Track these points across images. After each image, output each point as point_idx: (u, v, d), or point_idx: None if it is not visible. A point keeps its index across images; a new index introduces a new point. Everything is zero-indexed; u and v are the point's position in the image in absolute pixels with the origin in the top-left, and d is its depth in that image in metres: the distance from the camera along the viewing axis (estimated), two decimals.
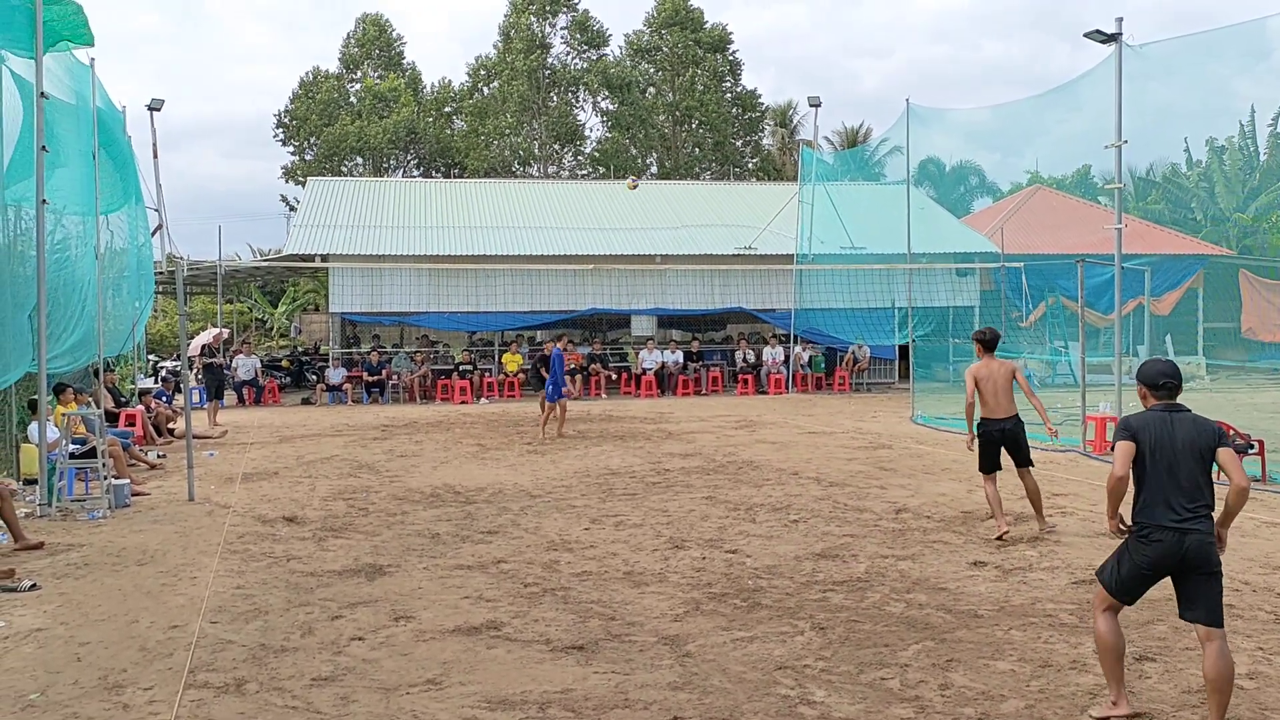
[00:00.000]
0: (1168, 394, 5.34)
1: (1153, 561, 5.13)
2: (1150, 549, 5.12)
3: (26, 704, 5.65)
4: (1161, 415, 5.26)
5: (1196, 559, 5.05)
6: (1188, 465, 5.11)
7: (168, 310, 43.30)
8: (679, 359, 28.49)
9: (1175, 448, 5.14)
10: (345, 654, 6.42)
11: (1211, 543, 5.09)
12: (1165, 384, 5.33)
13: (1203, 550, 5.05)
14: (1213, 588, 5.08)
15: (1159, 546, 5.09)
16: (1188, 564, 5.06)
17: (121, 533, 10.27)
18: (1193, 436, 5.16)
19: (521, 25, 54.53)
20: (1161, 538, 5.08)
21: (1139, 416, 5.32)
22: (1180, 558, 5.06)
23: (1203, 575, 5.07)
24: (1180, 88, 19.05)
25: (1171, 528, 5.06)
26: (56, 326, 12.96)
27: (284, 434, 19.15)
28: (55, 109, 12.57)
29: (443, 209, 31.96)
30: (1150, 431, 5.20)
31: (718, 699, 5.61)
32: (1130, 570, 5.23)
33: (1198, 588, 5.08)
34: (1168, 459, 5.13)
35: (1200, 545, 5.04)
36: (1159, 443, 5.16)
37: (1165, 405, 5.31)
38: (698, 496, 11.93)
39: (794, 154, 51.55)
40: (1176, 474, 5.11)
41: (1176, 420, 5.23)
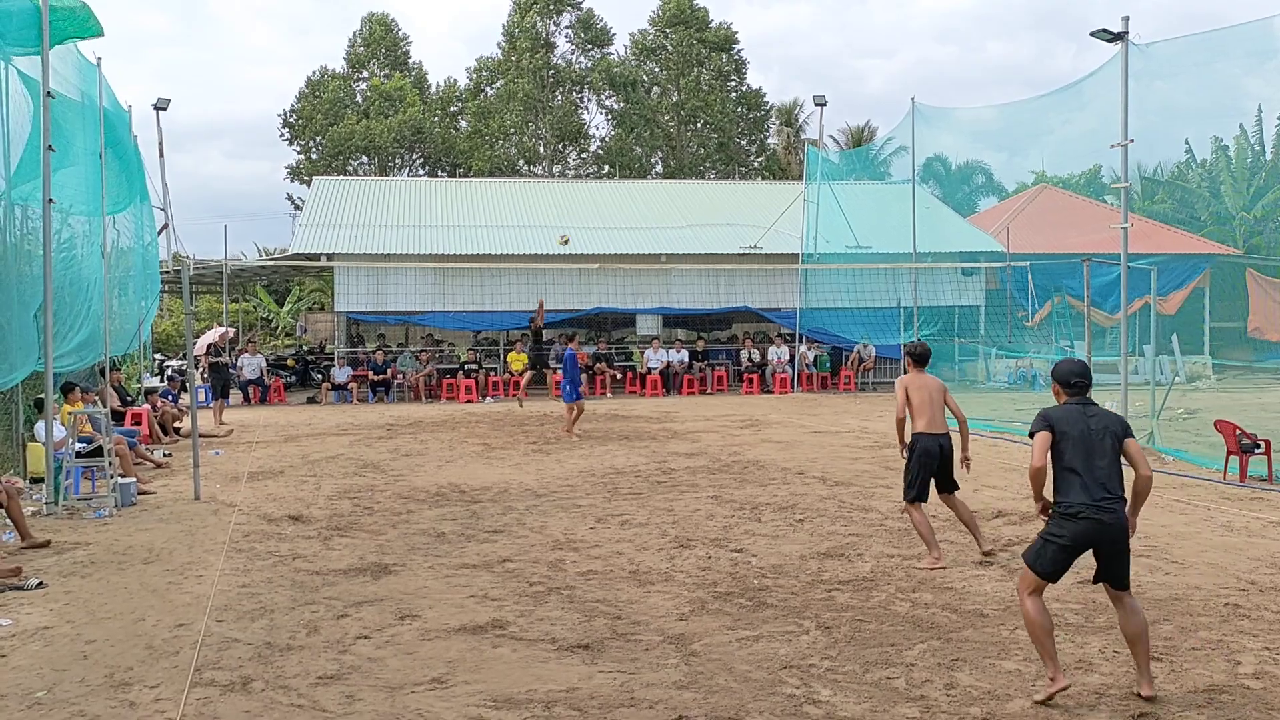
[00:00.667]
0: (1078, 391, 5.82)
1: (1073, 538, 5.53)
2: (1072, 527, 5.51)
3: (33, 701, 5.66)
4: (1075, 408, 5.73)
5: (1112, 538, 5.52)
6: (1101, 452, 5.57)
7: (174, 309, 43.36)
8: (684, 358, 28.49)
9: (1090, 436, 5.59)
10: (351, 653, 6.43)
11: (1124, 524, 5.56)
12: (1076, 382, 5.83)
13: (1117, 530, 5.52)
14: (1125, 559, 5.60)
15: (1080, 525, 5.50)
16: (1105, 542, 5.53)
17: (127, 531, 10.29)
18: (1104, 426, 5.63)
19: (526, 24, 54.55)
20: (1083, 518, 5.49)
21: (1055, 409, 5.78)
22: (1098, 536, 5.51)
23: (1117, 551, 5.56)
24: (1187, 87, 19.00)
25: (1091, 507, 5.48)
26: (63, 325, 12.97)
27: (289, 433, 19.17)
28: (62, 108, 12.59)
29: (448, 208, 31.98)
30: (1066, 422, 5.65)
31: (723, 698, 5.61)
32: (1055, 549, 5.57)
33: (1112, 561, 5.58)
34: (1084, 446, 5.58)
35: (1115, 526, 5.51)
36: (1075, 432, 5.61)
37: (1078, 400, 5.79)
38: (703, 496, 11.92)
39: (799, 153, 51.53)
40: (1092, 460, 5.55)
41: (1089, 412, 5.70)
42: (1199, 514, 10.58)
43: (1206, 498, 11.50)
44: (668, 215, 32.26)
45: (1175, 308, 29.40)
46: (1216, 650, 6.27)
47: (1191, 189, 40.03)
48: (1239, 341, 30.64)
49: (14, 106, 11.27)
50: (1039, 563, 5.63)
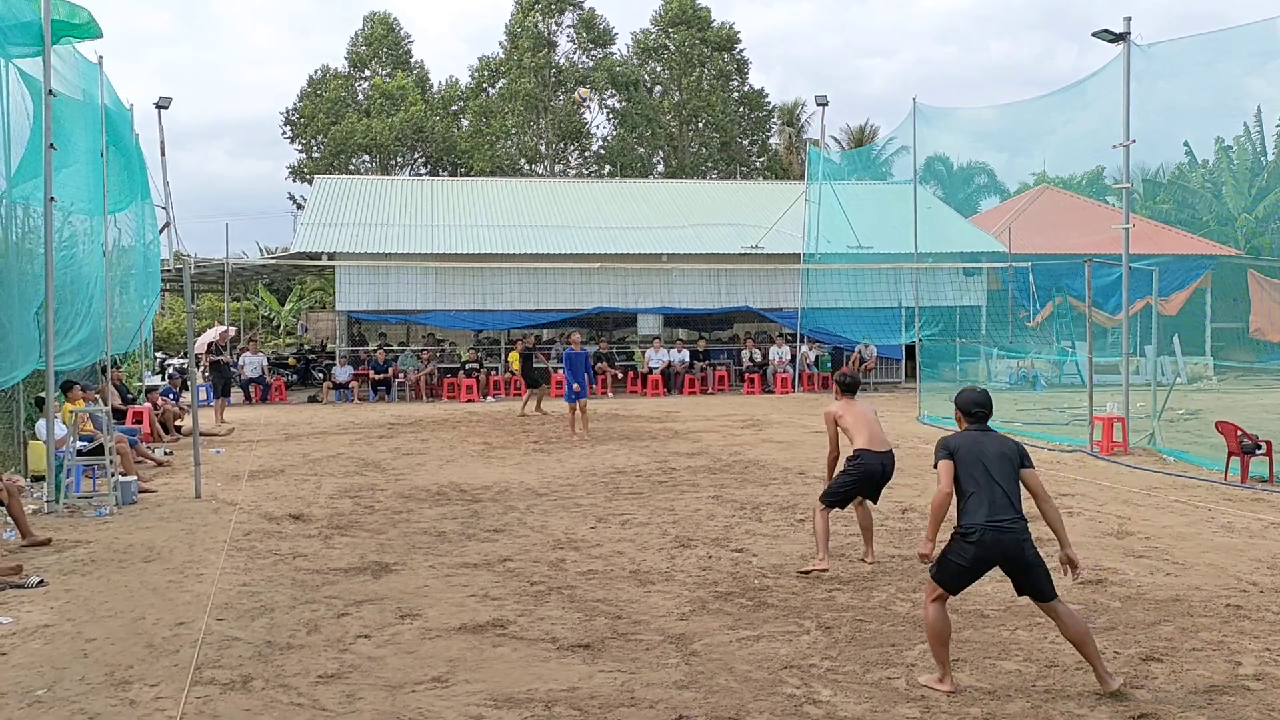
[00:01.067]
0: (978, 420, 6.02)
1: (974, 559, 5.62)
2: (972, 549, 5.61)
3: (34, 700, 5.66)
4: (975, 434, 5.93)
5: (1013, 554, 5.60)
6: (999, 475, 5.70)
7: (175, 308, 43.37)
8: (685, 358, 28.48)
9: (987, 460, 5.75)
10: (351, 651, 6.43)
11: (1025, 539, 5.61)
12: (976, 412, 6.04)
13: (1017, 546, 5.59)
14: (1037, 572, 5.64)
15: (979, 547, 5.58)
16: (1007, 559, 5.62)
17: (128, 530, 10.29)
18: (1000, 450, 5.81)
19: (528, 24, 54.55)
20: (981, 538, 5.58)
21: (954, 437, 5.95)
22: (999, 555, 5.61)
23: (1024, 566, 5.62)
24: (1189, 88, 19.01)
25: (990, 527, 5.57)
26: (64, 324, 12.97)
27: (290, 432, 19.18)
28: (63, 107, 12.59)
29: (449, 207, 31.97)
30: (966, 448, 5.83)
31: (723, 698, 5.61)
32: (954, 567, 5.69)
33: (1026, 576, 5.65)
34: (983, 470, 5.72)
35: (1015, 542, 5.59)
36: (974, 456, 5.78)
37: (977, 428, 5.99)
38: (704, 495, 11.92)
39: (801, 153, 51.52)
40: (991, 481, 5.68)
41: (987, 438, 5.89)
42: (1200, 515, 10.58)
43: (1207, 499, 11.50)
44: (669, 215, 32.24)
45: (1177, 308, 29.38)
46: (1217, 651, 6.27)
47: (1194, 189, 40.02)
48: (1240, 342, 30.62)
49: (15, 105, 11.27)
50: (941, 576, 5.75)
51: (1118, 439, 15.14)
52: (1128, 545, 9.15)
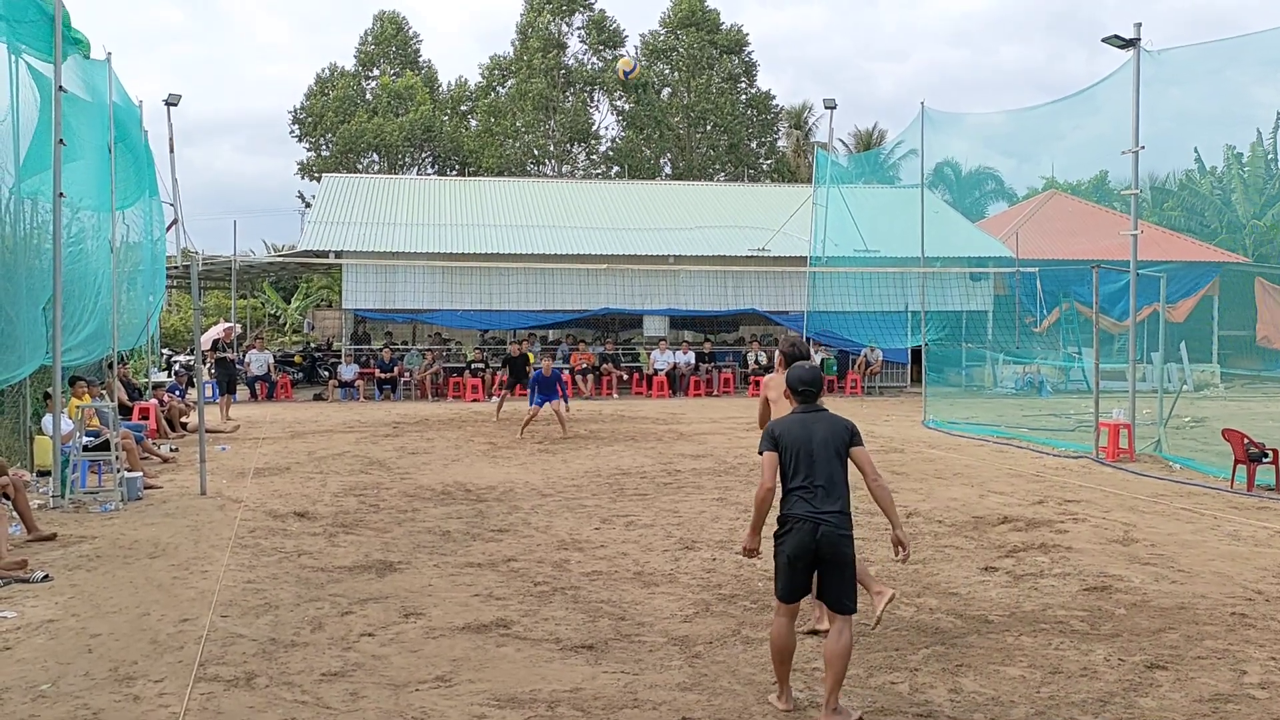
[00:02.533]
0: (806, 399, 5.69)
1: (793, 551, 5.39)
2: (789, 540, 5.40)
3: (38, 694, 5.67)
4: (801, 418, 5.61)
5: (828, 549, 5.34)
6: (823, 461, 5.43)
7: (182, 304, 43.43)
8: (691, 360, 28.48)
9: (812, 446, 5.46)
10: (355, 650, 6.43)
11: (844, 536, 5.37)
12: (804, 390, 5.71)
13: (833, 541, 5.33)
14: (845, 577, 5.41)
15: (796, 537, 5.36)
16: (821, 554, 5.35)
17: (133, 525, 10.31)
18: (827, 435, 5.50)
19: (538, 24, 54.60)
20: (799, 529, 5.35)
21: (780, 422, 5.65)
22: (814, 548, 5.34)
23: (835, 566, 5.37)
24: (1199, 94, 18.96)
25: (807, 519, 5.34)
26: (71, 319, 13.00)
27: (296, 429, 19.20)
28: (72, 103, 12.62)
29: (457, 207, 32.01)
30: (791, 434, 5.53)
31: (727, 700, 5.60)
32: (784, 566, 5.46)
33: (831, 577, 5.40)
34: (806, 457, 5.45)
35: (831, 536, 5.33)
36: (798, 442, 5.48)
37: (805, 408, 5.67)
38: (709, 498, 11.92)
39: (809, 156, 51.48)
40: (813, 470, 5.42)
41: (814, 420, 5.58)
42: (1206, 522, 10.55)
43: (1214, 506, 11.47)
44: (676, 217, 32.26)
45: (1184, 315, 29.32)
46: (1222, 659, 6.25)
47: (1203, 196, 39.95)
48: (1248, 350, 30.56)
49: (24, 101, 11.30)
50: (776, 584, 5.57)
51: (1124, 446, 15.11)
52: (1133, 552, 9.12)
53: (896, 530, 5.62)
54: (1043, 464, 14.84)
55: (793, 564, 5.41)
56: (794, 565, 5.41)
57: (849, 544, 5.39)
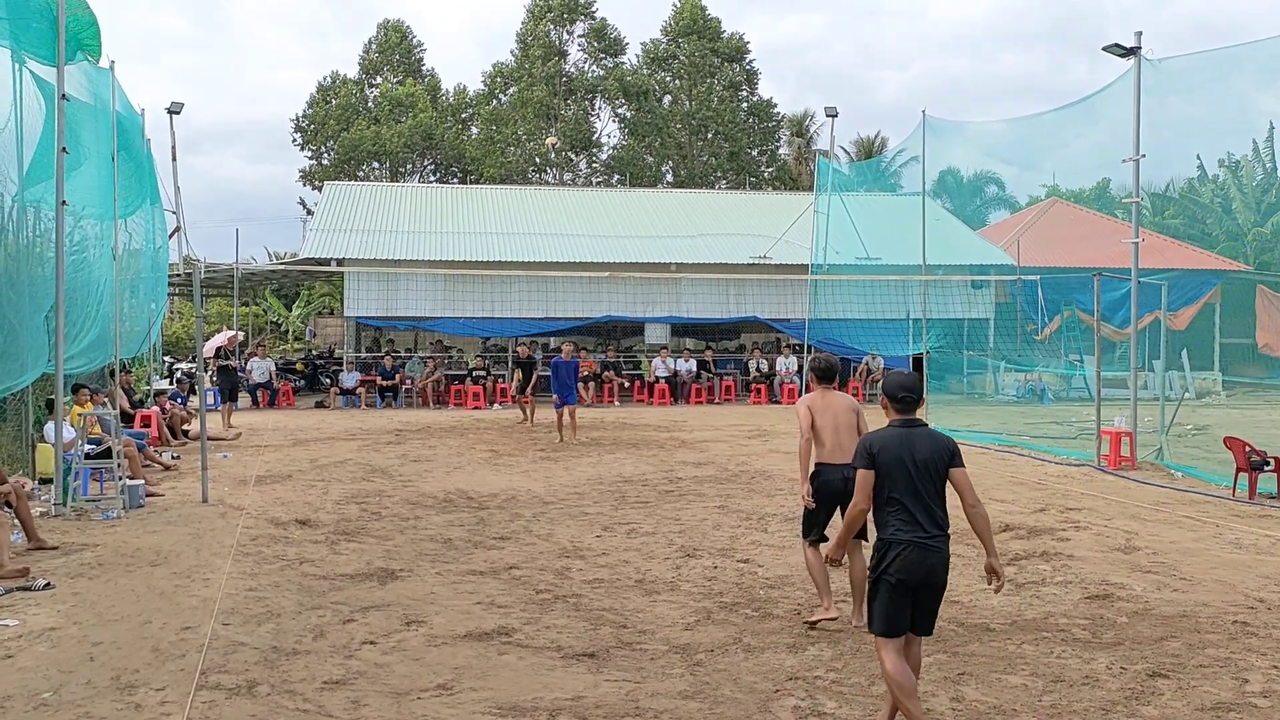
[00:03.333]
0: (905, 407, 5.40)
1: (901, 578, 5.10)
2: (895, 566, 5.11)
3: (40, 703, 5.67)
4: (899, 432, 5.31)
5: (937, 576, 5.14)
6: (925, 482, 5.17)
7: (184, 312, 43.49)
8: (692, 367, 28.48)
9: (914, 465, 5.17)
10: (357, 658, 6.43)
11: (948, 560, 5.19)
12: (903, 397, 5.42)
13: (941, 568, 5.15)
14: (939, 602, 5.26)
15: (903, 563, 5.09)
16: (929, 580, 5.13)
17: (135, 533, 10.31)
18: (929, 454, 5.21)
19: (539, 32, 54.70)
20: (907, 555, 5.08)
21: (877, 436, 5.35)
22: (924, 574, 5.10)
23: (935, 591, 5.18)
24: (1200, 103, 18.97)
25: (914, 544, 5.09)
26: (73, 327, 13.03)
27: (298, 437, 19.20)
28: (75, 111, 12.65)
29: (458, 214, 32.04)
30: (890, 452, 5.22)
31: (729, 709, 5.60)
32: (888, 598, 5.14)
33: (929, 603, 5.19)
34: (906, 476, 5.16)
35: (940, 563, 5.13)
36: (898, 461, 5.19)
37: (903, 421, 5.37)
38: (710, 505, 11.91)
39: (810, 164, 51.53)
40: (915, 491, 5.15)
41: (915, 436, 5.29)
42: (1208, 531, 10.54)
43: (1216, 514, 11.46)
44: (678, 224, 32.29)
45: (1185, 323, 29.31)
46: (1224, 668, 6.24)
47: (1204, 204, 39.97)
48: (1249, 358, 30.52)
49: (27, 109, 11.33)
50: (882, 620, 5.19)
51: (1125, 454, 15.10)
52: (1135, 561, 9.12)
53: (991, 559, 5.32)
54: (1044, 472, 14.83)
55: (899, 592, 5.12)
56: (900, 593, 5.12)
57: (947, 569, 5.22)
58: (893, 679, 5.10)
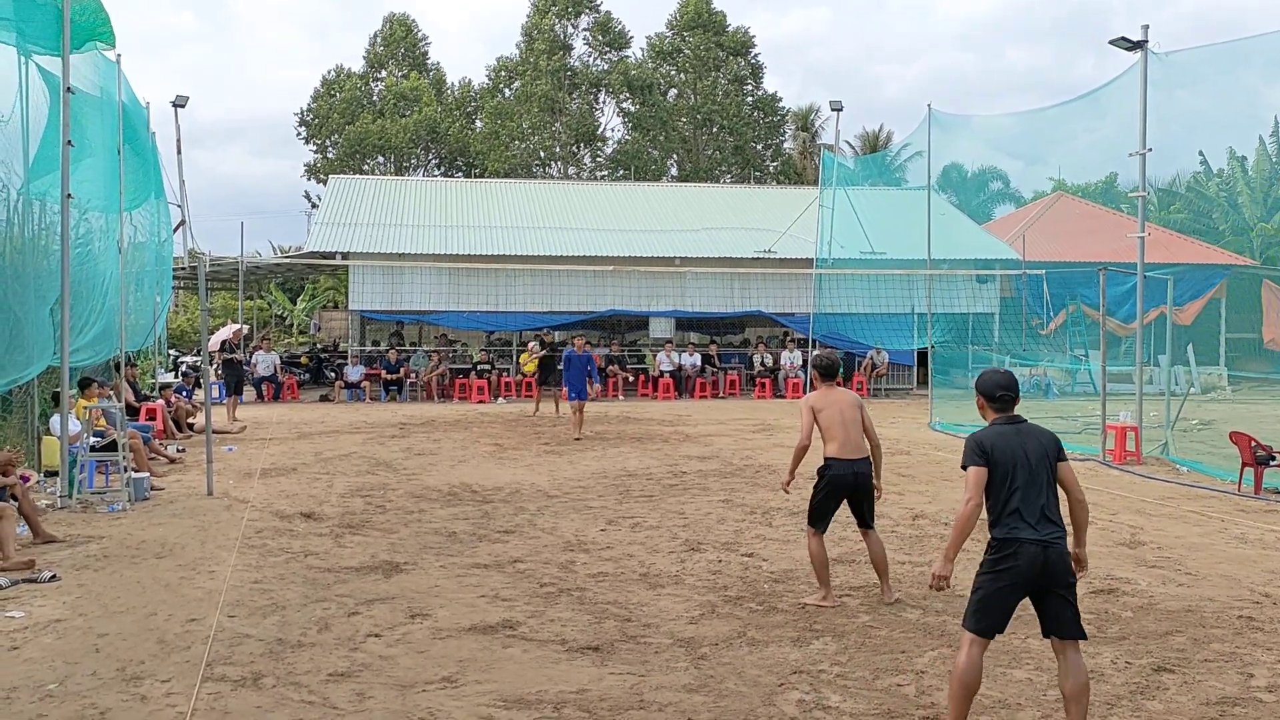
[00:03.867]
0: (1003, 406, 5.29)
1: (1016, 579, 4.95)
2: (1011, 566, 4.95)
3: (45, 694, 5.68)
4: (1010, 429, 5.19)
5: (1059, 574, 4.95)
6: (1040, 478, 5.05)
7: (189, 305, 43.53)
8: (696, 362, 28.47)
9: (1028, 461, 5.05)
10: (362, 650, 6.44)
11: (1069, 556, 5.04)
12: (1001, 396, 5.29)
13: (1063, 565, 4.97)
14: (1072, 600, 5.00)
15: (1020, 562, 4.92)
16: (1051, 579, 4.95)
17: (141, 526, 10.32)
18: (1041, 449, 5.11)
19: (544, 26, 54.65)
20: (1025, 553, 4.92)
21: (988, 434, 5.19)
22: (1043, 573, 4.93)
23: (1062, 589, 4.97)
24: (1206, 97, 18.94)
25: (1032, 542, 4.92)
26: (78, 320, 13.02)
27: (302, 430, 19.22)
28: (80, 104, 12.65)
29: (463, 209, 32.04)
30: (1003, 448, 5.09)
31: (733, 702, 5.60)
32: (995, 594, 5.00)
33: (1058, 603, 4.98)
34: (1023, 473, 5.03)
35: (1061, 560, 4.97)
36: (1012, 458, 5.06)
37: (1007, 418, 5.25)
38: (714, 499, 11.91)
39: (815, 158, 51.49)
40: (1030, 488, 5.02)
41: (1024, 432, 5.17)
42: (1213, 526, 10.53)
43: (1221, 510, 11.44)
44: (682, 218, 32.27)
45: (1191, 318, 29.27)
46: (1230, 663, 6.24)
47: (1210, 199, 39.88)
48: (1255, 353, 30.48)
49: (33, 102, 11.32)
50: (979, 617, 5.04)
51: (1131, 448, 15.08)
52: (1140, 555, 9.11)
53: (1080, 549, 5.22)
54: None
55: (1008, 592, 4.97)
56: (1009, 593, 4.98)
57: (1070, 564, 5.04)
58: (957, 671, 5.04)
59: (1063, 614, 4.97)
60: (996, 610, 5.02)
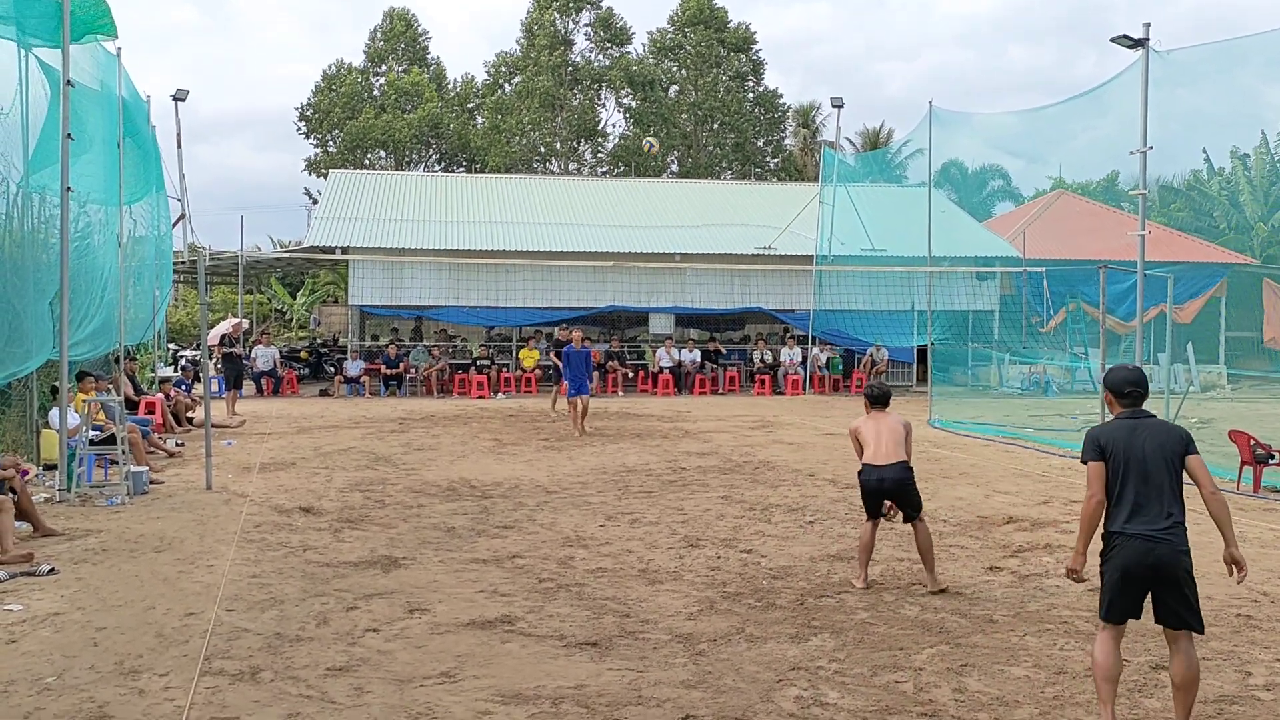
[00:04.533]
0: (1132, 402, 5.26)
1: (1126, 572, 5.01)
2: (1120, 559, 5.03)
3: (43, 687, 5.68)
4: (1129, 424, 5.17)
5: (1167, 570, 4.97)
6: (1155, 472, 5.03)
7: (188, 299, 43.52)
8: (696, 358, 28.47)
9: (1144, 456, 5.05)
10: (360, 645, 6.44)
11: (1183, 552, 5.02)
12: (1130, 391, 5.26)
13: (1172, 560, 4.98)
14: (1186, 594, 5.01)
15: (1129, 556, 4.99)
16: (1160, 574, 4.98)
17: (139, 519, 10.32)
18: (1159, 443, 5.07)
19: (545, 21, 54.61)
20: (1133, 547, 4.98)
21: (1105, 430, 5.21)
22: (1152, 568, 4.97)
23: (1174, 584, 4.99)
24: (1207, 95, 18.91)
25: (1141, 536, 4.97)
26: (77, 314, 13.03)
27: (302, 425, 19.22)
28: (80, 97, 12.64)
29: (463, 204, 32.02)
30: (1118, 443, 5.10)
31: (731, 698, 5.60)
32: (1111, 585, 5.08)
33: (1170, 596, 5.02)
34: (1137, 467, 5.04)
35: (1170, 555, 4.97)
36: (1127, 452, 5.07)
37: (1131, 413, 5.23)
38: (714, 496, 11.91)
39: (815, 155, 51.44)
40: (1145, 482, 5.03)
41: (1144, 428, 5.14)
42: (1212, 524, 10.48)
43: None
44: (683, 215, 32.25)
45: (1191, 316, 29.28)
46: (1228, 661, 6.24)
47: (1211, 197, 39.86)
48: (1255, 351, 30.49)
49: (33, 95, 11.32)
50: (1102, 605, 5.17)
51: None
52: None
53: (1231, 548, 5.17)
54: (1048, 464, 14.82)
55: (1125, 584, 5.04)
56: (1127, 586, 5.04)
57: (1188, 560, 5.03)
58: (1094, 660, 5.14)
59: (1175, 606, 5.01)
60: (1116, 600, 5.09)
